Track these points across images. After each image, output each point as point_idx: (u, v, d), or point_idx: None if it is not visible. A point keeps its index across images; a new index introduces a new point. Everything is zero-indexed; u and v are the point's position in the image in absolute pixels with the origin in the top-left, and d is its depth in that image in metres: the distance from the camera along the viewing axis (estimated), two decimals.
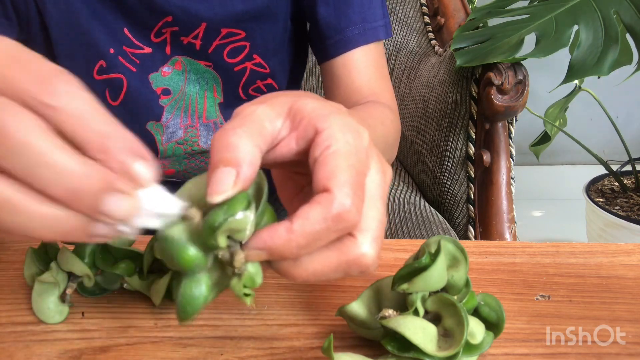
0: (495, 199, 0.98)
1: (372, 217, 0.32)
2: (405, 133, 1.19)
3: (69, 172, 0.25)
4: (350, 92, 0.70)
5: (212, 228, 0.29)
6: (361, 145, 0.32)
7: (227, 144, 0.29)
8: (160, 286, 0.41)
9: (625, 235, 1.60)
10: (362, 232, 0.31)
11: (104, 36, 0.63)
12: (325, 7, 0.69)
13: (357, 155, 0.31)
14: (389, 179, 0.34)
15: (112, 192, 0.25)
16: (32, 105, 0.25)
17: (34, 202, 0.25)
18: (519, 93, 0.93)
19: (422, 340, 0.34)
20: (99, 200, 0.25)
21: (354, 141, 0.31)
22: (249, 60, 0.68)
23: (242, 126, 0.30)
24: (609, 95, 1.86)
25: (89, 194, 0.25)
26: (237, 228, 0.30)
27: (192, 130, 0.71)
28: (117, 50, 0.64)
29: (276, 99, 0.33)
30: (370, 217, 0.32)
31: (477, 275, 0.47)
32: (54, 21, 0.61)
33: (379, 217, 0.32)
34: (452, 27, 1.13)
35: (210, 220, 0.29)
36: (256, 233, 0.30)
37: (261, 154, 0.30)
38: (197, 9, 0.63)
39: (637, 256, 0.50)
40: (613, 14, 0.97)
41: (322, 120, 0.31)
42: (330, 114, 0.32)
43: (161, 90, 0.67)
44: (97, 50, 0.63)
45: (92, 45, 0.63)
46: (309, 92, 0.36)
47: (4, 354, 0.39)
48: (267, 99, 0.33)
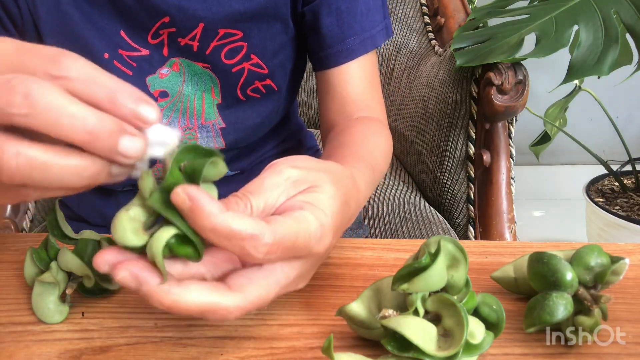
0: (495, 199, 0.98)
1: (257, 291, 0.35)
2: (405, 133, 1.19)
3: (88, 118, 0.29)
4: (344, 103, 0.71)
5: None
6: (312, 243, 0.36)
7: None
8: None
9: (625, 235, 1.60)
10: (239, 294, 0.34)
11: (98, 41, 0.63)
12: (329, 18, 0.69)
13: (304, 241, 0.36)
14: (293, 288, 0.39)
15: (124, 134, 0.30)
16: (47, 79, 0.30)
17: (62, 158, 0.30)
18: (519, 93, 0.93)
19: (422, 340, 0.34)
20: (115, 141, 0.30)
21: (312, 234, 0.36)
22: (247, 60, 0.68)
23: (254, 197, 0.36)
24: (609, 95, 1.86)
25: (107, 135, 0.29)
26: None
27: (191, 132, 0.71)
28: (112, 54, 0.64)
29: (310, 172, 0.39)
30: (256, 289, 0.35)
31: (477, 275, 0.47)
32: (48, 29, 0.61)
33: (263, 297, 0.35)
34: (452, 27, 1.13)
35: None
36: (200, 188, 0.32)
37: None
38: (194, 8, 0.63)
39: (637, 256, 0.50)
40: (613, 14, 0.97)
41: (311, 208, 0.37)
42: (322, 212, 0.37)
43: (158, 93, 0.67)
44: (92, 56, 0.63)
45: (86, 51, 0.62)
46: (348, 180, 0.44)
47: (4, 354, 0.39)
48: (306, 166, 0.40)
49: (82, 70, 0.30)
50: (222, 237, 0.32)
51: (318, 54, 0.72)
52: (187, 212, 0.32)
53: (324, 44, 0.70)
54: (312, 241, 0.36)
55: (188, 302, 0.33)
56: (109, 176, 0.31)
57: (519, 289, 0.44)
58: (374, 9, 0.71)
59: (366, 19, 0.70)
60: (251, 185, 0.37)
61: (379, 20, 0.72)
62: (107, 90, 0.30)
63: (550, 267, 0.39)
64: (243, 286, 0.35)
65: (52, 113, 0.29)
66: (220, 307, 0.34)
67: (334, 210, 0.38)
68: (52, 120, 0.29)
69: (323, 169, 0.41)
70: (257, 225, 0.33)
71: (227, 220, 0.32)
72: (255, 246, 0.33)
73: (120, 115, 0.30)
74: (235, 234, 0.32)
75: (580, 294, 0.38)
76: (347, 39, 0.70)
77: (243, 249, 0.33)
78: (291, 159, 0.40)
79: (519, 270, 0.43)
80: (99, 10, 0.62)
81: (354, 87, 0.71)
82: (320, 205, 0.38)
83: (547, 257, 0.39)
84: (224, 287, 0.35)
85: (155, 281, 0.33)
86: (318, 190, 0.38)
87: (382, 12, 0.72)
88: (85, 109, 0.29)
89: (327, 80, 0.72)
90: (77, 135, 0.29)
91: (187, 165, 0.33)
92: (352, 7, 0.69)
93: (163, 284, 0.33)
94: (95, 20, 0.62)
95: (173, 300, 0.33)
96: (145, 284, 0.33)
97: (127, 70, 0.65)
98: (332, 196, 0.39)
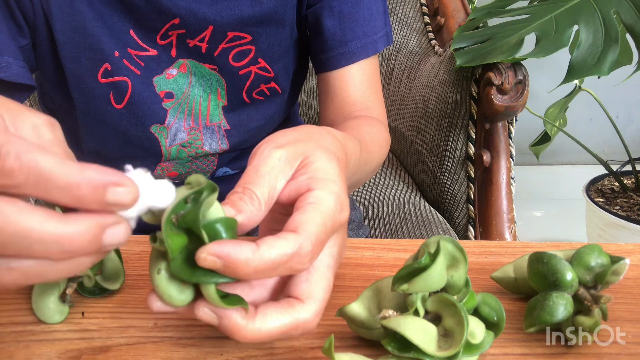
0: (495, 199, 0.98)
1: (322, 287, 0.36)
2: (405, 133, 1.19)
3: (62, 237, 0.26)
4: (344, 104, 0.72)
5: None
6: (338, 217, 0.36)
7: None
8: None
9: (625, 235, 1.60)
10: (311, 300, 0.35)
11: (108, 39, 0.63)
12: (331, 20, 0.69)
13: (331, 221, 0.35)
14: (343, 256, 0.40)
15: (106, 231, 0.27)
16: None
17: (51, 268, 0.27)
18: (519, 93, 0.93)
19: (422, 340, 0.34)
20: (99, 244, 0.27)
21: (333, 210, 0.36)
22: (254, 64, 0.69)
23: (256, 186, 0.36)
24: (609, 95, 1.86)
25: (87, 244, 0.27)
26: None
27: (196, 133, 0.71)
28: (121, 53, 0.64)
29: (296, 145, 0.38)
30: (320, 286, 0.36)
31: (477, 275, 0.47)
32: (59, 24, 0.61)
33: (328, 287, 0.36)
34: (452, 27, 1.13)
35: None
36: (220, 241, 0.31)
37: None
38: (204, 11, 0.63)
39: (637, 256, 0.50)
40: (613, 14, 0.97)
41: (318, 184, 0.37)
42: (328, 180, 0.37)
43: (164, 94, 0.67)
44: (102, 54, 0.63)
45: (97, 48, 0.63)
46: (330, 136, 0.43)
47: (4, 354, 0.39)
48: (288, 141, 0.39)
49: (31, 172, 0.25)
50: (268, 272, 0.32)
51: (320, 57, 0.72)
52: (223, 270, 0.31)
53: (325, 47, 0.71)
54: (336, 215, 0.36)
55: (270, 329, 0.33)
56: (101, 256, 0.29)
57: (519, 289, 0.44)
58: (376, 15, 0.72)
59: (368, 24, 0.71)
60: (247, 177, 0.37)
61: (380, 26, 0.72)
62: (66, 192, 0.26)
63: (550, 267, 0.39)
64: (309, 291, 0.35)
65: (20, 242, 0.26)
66: (299, 321, 0.34)
67: (336, 172, 0.39)
68: (25, 249, 0.26)
69: (304, 137, 0.40)
70: (293, 243, 0.33)
71: (264, 257, 0.32)
72: (301, 261, 0.33)
73: (91, 211, 0.27)
74: (278, 263, 0.32)
75: (580, 294, 0.38)
76: (349, 42, 0.70)
77: (291, 270, 0.33)
78: (272, 139, 0.39)
79: (519, 270, 0.43)
80: (110, 9, 0.62)
81: (354, 90, 0.72)
82: (324, 175, 0.37)
83: (547, 257, 0.39)
84: (294, 301, 0.35)
85: (234, 314, 0.33)
86: (312, 159, 0.38)
87: (384, 20, 0.73)
88: (54, 228, 0.26)
89: (328, 82, 0.73)
90: (58, 256, 0.26)
91: (180, 220, 0.32)
92: (354, 12, 0.70)
93: (241, 317, 0.33)
94: (106, 18, 0.62)
95: (256, 331, 0.33)
96: (227, 318, 0.33)
97: (135, 70, 0.65)
98: (328, 159, 0.39)
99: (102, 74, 0.64)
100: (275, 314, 0.34)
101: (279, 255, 0.32)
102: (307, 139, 0.40)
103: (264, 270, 0.32)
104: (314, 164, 0.38)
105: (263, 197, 0.36)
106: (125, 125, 0.67)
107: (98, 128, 0.68)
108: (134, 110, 0.66)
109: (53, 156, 0.26)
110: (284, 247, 0.32)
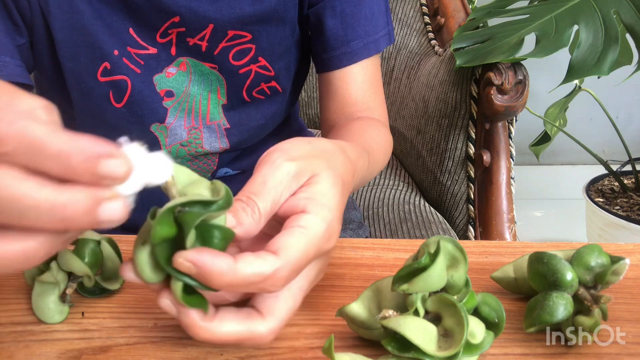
0: (495, 199, 0.98)
1: (286, 307, 0.36)
2: (405, 133, 1.19)
3: (56, 205, 0.25)
4: (345, 104, 0.72)
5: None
6: (323, 246, 0.36)
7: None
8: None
9: (625, 235, 1.60)
10: (271, 317, 0.35)
11: (108, 37, 0.63)
12: (332, 19, 0.69)
13: (315, 249, 0.35)
14: (319, 278, 0.40)
15: (101, 204, 0.26)
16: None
17: (46, 240, 0.26)
18: (519, 93, 0.93)
19: (422, 340, 0.34)
20: (94, 216, 0.26)
21: (320, 239, 0.36)
22: (254, 62, 0.68)
23: (260, 199, 0.36)
24: (609, 95, 1.86)
25: (82, 215, 0.26)
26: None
27: (196, 132, 0.71)
28: (121, 51, 0.64)
29: (307, 161, 0.39)
30: (285, 306, 0.36)
31: (477, 275, 0.47)
32: (58, 23, 0.61)
33: (293, 308, 0.37)
34: (452, 27, 1.13)
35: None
36: (200, 249, 0.32)
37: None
38: (205, 10, 0.63)
39: (637, 256, 0.50)
40: (613, 14, 0.97)
41: (314, 207, 0.36)
42: (325, 206, 0.37)
43: (164, 92, 0.67)
44: (101, 52, 0.63)
45: (96, 47, 0.63)
46: (342, 156, 0.43)
47: (4, 354, 0.39)
48: (301, 155, 0.39)
49: (24, 139, 0.25)
50: (239, 288, 0.33)
51: (321, 56, 0.72)
52: (196, 276, 0.32)
53: (327, 46, 0.71)
54: (322, 244, 0.36)
55: (224, 334, 0.34)
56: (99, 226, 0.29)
57: (519, 289, 0.44)
58: (378, 14, 0.72)
59: (370, 23, 0.71)
60: (254, 186, 0.37)
61: (382, 25, 0.72)
62: (58, 161, 0.25)
63: (550, 267, 0.39)
64: (272, 307, 0.35)
65: (14, 208, 0.25)
66: (254, 334, 0.34)
67: (336, 200, 0.38)
68: (18, 216, 0.25)
69: (316, 153, 0.40)
70: (270, 264, 0.33)
71: (239, 273, 0.32)
72: (273, 284, 0.33)
73: (83, 183, 0.26)
74: (251, 282, 0.32)
75: (580, 294, 0.38)
76: (351, 42, 0.70)
77: (262, 290, 0.34)
78: (285, 150, 0.39)
79: (519, 270, 0.43)
80: (109, 8, 0.62)
81: (355, 90, 0.72)
82: (322, 200, 0.37)
83: (547, 257, 0.39)
84: (255, 313, 0.35)
85: (193, 312, 0.33)
86: (318, 179, 0.38)
87: (386, 18, 0.73)
88: (47, 195, 0.25)
89: (329, 82, 0.72)
90: (50, 225, 0.26)
91: (179, 215, 0.32)
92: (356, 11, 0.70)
93: (199, 317, 0.33)
94: (105, 17, 0.62)
95: (211, 332, 0.33)
96: (185, 314, 0.33)
97: (135, 68, 0.65)
98: (332, 184, 0.39)
99: (101, 72, 0.64)
100: (232, 322, 0.34)
101: (254, 275, 0.32)
102: (319, 155, 0.40)
103: (236, 286, 0.32)
104: (317, 184, 0.38)
105: (265, 211, 0.36)
106: (125, 124, 0.67)
107: (97, 127, 0.68)
108: (134, 109, 0.66)
109: (45, 125, 0.25)
110: (261, 267, 0.32)
